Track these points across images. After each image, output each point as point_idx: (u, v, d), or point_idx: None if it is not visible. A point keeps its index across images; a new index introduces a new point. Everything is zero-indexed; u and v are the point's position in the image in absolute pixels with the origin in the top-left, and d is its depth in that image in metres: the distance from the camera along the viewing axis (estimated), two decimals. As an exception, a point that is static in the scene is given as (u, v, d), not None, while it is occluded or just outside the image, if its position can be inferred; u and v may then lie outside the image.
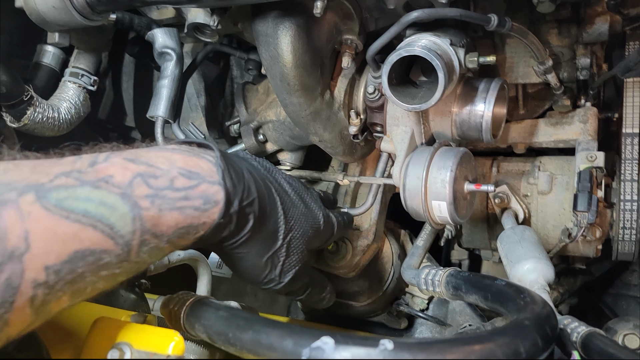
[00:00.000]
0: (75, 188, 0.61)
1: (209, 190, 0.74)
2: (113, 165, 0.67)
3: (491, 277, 0.98)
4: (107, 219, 0.61)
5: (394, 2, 1.10)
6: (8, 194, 0.56)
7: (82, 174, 0.63)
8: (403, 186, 1.10)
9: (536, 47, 1.20)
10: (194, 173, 0.73)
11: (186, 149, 0.79)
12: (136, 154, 0.71)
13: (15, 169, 0.60)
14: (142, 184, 0.67)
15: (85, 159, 0.67)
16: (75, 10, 1.10)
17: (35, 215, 0.56)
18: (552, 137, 1.44)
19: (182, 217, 0.71)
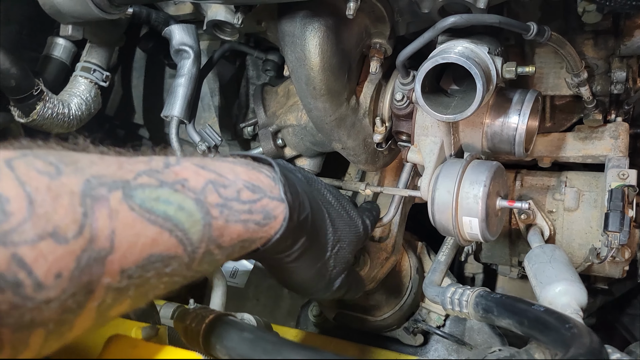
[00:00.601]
0: (157, 188, 0.60)
1: (269, 205, 0.74)
2: (186, 169, 0.65)
3: (526, 300, 0.93)
4: (183, 224, 0.60)
5: (429, 6, 1.04)
6: (100, 189, 0.54)
7: (161, 174, 0.62)
8: (432, 200, 1.05)
9: (572, 59, 1.15)
10: (257, 187, 0.73)
11: (245, 161, 0.78)
12: (203, 161, 0.70)
13: (101, 162, 0.58)
14: (213, 192, 0.66)
15: (158, 159, 0.65)
16: (92, 3, 1.05)
17: (122, 215, 0.55)
18: (581, 152, 1.39)
19: (244, 230, 0.70)
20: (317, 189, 0.93)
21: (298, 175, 0.89)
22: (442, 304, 1.10)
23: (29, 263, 0.46)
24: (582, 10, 1.02)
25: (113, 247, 0.53)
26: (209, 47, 1.53)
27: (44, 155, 0.53)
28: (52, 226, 0.48)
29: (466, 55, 0.96)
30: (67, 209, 0.50)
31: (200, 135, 1.27)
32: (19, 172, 0.50)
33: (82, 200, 0.52)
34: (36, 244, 0.47)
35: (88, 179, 0.54)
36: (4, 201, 0.47)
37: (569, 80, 1.26)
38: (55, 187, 0.51)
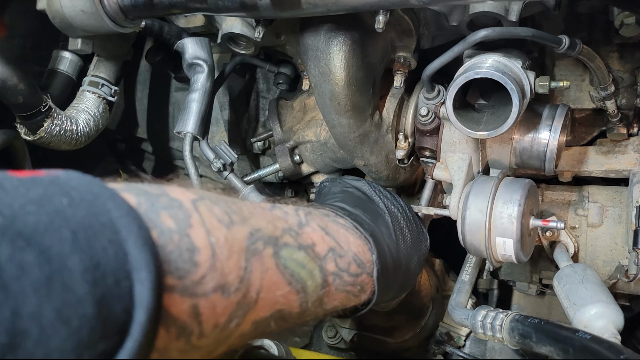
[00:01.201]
0: (296, 250, 0.64)
1: (365, 280, 0.78)
2: (314, 232, 0.70)
3: (568, 327, 0.88)
4: (307, 287, 0.65)
5: (457, 19, 1.01)
6: (258, 243, 0.58)
7: (298, 236, 0.66)
8: (462, 220, 1.00)
9: (601, 72, 1.12)
10: (361, 262, 0.77)
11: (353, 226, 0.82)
12: (325, 223, 0.75)
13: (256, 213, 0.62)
14: (332, 261, 0.71)
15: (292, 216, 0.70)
16: (106, 16, 1.00)
17: (271, 272, 0.58)
18: (604, 166, 1.36)
19: (344, 299, 0.75)
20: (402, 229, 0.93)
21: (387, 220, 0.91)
22: (472, 328, 1.05)
23: (203, 314, 0.49)
24: (620, 23, 0.99)
25: (257, 301, 0.56)
26: (219, 60, 1.48)
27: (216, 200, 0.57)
28: (224, 279, 0.52)
29: (500, 69, 0.93)
30: (236, 263, 0.54)
31: (215, 152, 1.22)
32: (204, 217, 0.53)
33: (247, 256, 0.56)
34: (210, 296, 0.50)
35: (251, 232, 0.58)
36: (195, 251, 0.49)
37: (594, 94, 1.24)
38: (230, 240, 0.54)
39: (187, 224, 0.51)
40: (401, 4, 0.78)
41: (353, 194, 0.93)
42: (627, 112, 1.30)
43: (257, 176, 1.36)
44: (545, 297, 1.72)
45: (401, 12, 1.01)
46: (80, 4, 1.00)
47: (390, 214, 0.92)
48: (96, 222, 0.41)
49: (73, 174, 0.46)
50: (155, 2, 0.93)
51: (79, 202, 0.42)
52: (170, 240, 0.48)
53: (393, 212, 0.93)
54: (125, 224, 0.43)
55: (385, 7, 0.81)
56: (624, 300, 1.53)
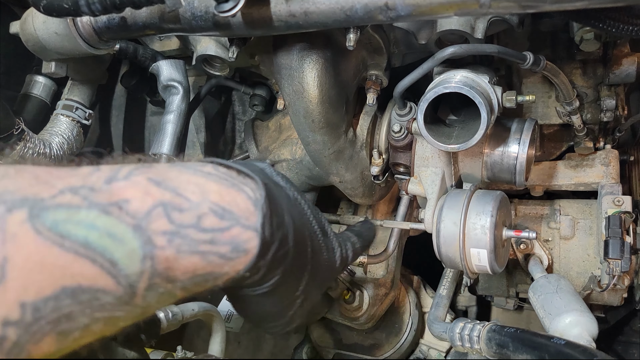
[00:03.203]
0: (80, 209, 0.50)
1: (240, 235, 0.61)
2: (133, 187, 0.55)
3: (543, 334, 0.90)
4: (111, 253, 0.50)
5: (426, 37, 1.04)
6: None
7: (93, 193, 0.52)
8: (437, 232, 1.02)
9: (565, 87, 1.16)
10: (227, 212, 0.60)
11: (224, 174, 0.65)
12: (165, 174, 0.58)
13: (15, 175, 0.49)
14: (162, 217, 0.55)
15: (104, 172, 0.55)
16: (80, 37, 1.00)
17: (20, 239, 0.46)
18: (573, 179, 1.39)
19: (202, 263, 0.58)
20: (304, 213, 0.78)
21: (289, 194, 0.75)
22: (450, 341, 1.05)
23: None
24: (580, 39, 1.03)
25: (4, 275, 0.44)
26: (195, 83, 1.49)
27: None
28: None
29: (469, 84, 0.96)
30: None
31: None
32: None
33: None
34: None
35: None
36: None
37: (560, 109, 1.28)
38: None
39: None
40: (369, 19, 0.80)
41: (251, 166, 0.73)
42: (592, 127, 1.35)
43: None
44: (523, 311, 1.73)
45: (371, 30, 1.04)
46: (54, 26, 1.01)
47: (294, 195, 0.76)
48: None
49: None
50: (129, 23, 0.94)
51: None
52: None
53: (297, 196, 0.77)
54: None
55: (354, 23, 0.83)
56: (599, 312, 1.56)
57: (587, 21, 0.82)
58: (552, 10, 0.72)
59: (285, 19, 0.82)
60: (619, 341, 1.83)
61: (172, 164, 0.63)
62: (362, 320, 1.26)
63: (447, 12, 0.75)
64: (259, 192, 0.64)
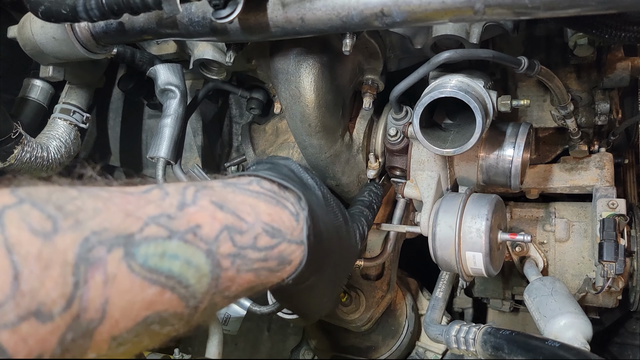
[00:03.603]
0: (165, 241, 0.54)
1: (286, 250, 0.68)
2: (202, 212, 0.60)
3: (538, 337, 0.90)
4: (187, 280, 0.55)
5: (421, 42, 1.05)
6: (98, 249, 0.48)
7: (172, 221, 0.56)
8: (433, 235, 1.03)
9: (560, 91, 1.17)
10: (277, 231, 0.67)
11: (269, 192, 0.71)
12: (223, 197, 0.64)
13: (106, 209, 0.52)
14: (227, 240, 0.60)
15: (173, 196, 0.60)
16: (78, 42, 1.01)
17: (119, 279, 0.49)
18: (568, 182, 1.40)
19: (254, 278, 0.64)
20: (332, 208, 0.84)
21: (317, 193, 0.81)
22: (446, 343, 1.06)
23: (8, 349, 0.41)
24: (574, 44, 1.04)
25: (104, 317, 0.48)
26: (192, 86, 1.50)
27: (42, 203, 0.48)
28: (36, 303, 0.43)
29: (463, 89, 0.96)
30: (56, 282, 0.44)
31: (188, 175, 1.23)
32: (9, 233, 0.44)
33: (76, 269, 0.46)
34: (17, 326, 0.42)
35: (87, 238, 0.48)
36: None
37: (555, 113, 1.29)
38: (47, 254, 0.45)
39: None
40: (365, 25, 0.81)
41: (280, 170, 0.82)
42: (587, 130, 1.36)
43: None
44: (519, 313, 1.74)
45: (367, 35, 1.05)
46: (52, 31, 1.01)
47: (321, 190, 0.83)
48: None
49: None
50: (127, 28, 0.95)
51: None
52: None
53: (323, 190, 0.84)
54: None
55: (350, 29, 0.84)
56: (595, 314, 1.57)
57: (580, 28, 0.83)
58: (546, 17, 0.73)
59: (281, 25, 0.83)
60: (614, 343, 1.84)
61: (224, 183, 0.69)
62: (358, 323, 1.27)
63: (442, 19, 0.76)
64: (299, 205, 0.72)
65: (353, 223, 0.94)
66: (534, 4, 0.69)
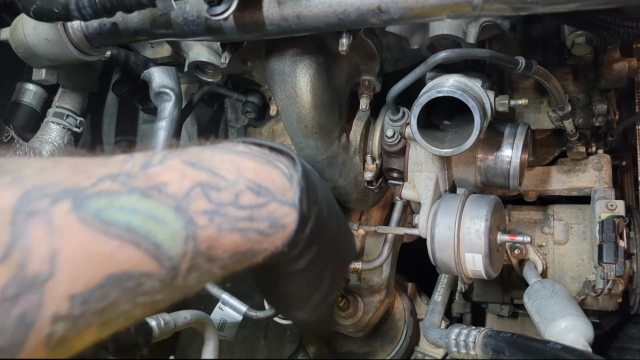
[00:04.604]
0: (120, 195, 0.49)
1: (277, 211, 0.61)
2: (170, 170, 0.54)
3: (539, 339, 0.89)
4: (155, 236, 0.50)
5: (418, 42, 1.04)
6: (39, 201, 0.45)
7: (131, 179, 0.51)
8: (432, 237, 1.01)
9: (557, 92, 1.16)
10: (263, 188, 0.61)
11: (257, 152, 0.65)
12: (198, 156, 0.58)
13: (53, 168, 0.49)
14: (201, 197, 0.55)
15: (138, 159, 0.54)
16: (71, 44, 1.00)
17: (68, 230, 0.45)
18: (566, 184, 1.39)
19: (242, 240, 0.58)
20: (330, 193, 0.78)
21: (316, 175, 0.75)
22: (446, 347, 1.05)
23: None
24: (572, 43, 1.03)
25: (54, 269, 0.44)
26: (187, 90, 1.49)
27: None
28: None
29: (461, 88, 0.96)
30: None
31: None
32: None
33: (13, 218, 0.43)
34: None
35: (27, 191, 0.45)
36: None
37: (553, 114, 1.28)
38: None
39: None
40: (362, 22, 0.80)
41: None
42: (584, 132, 1.35)
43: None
44: (517, 318, 1.73)
45: (364, 36, 1.04)
46: (44, 32, 1.00)
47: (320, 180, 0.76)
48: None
49: None
50: (121, 29, 0.94)
51: None
52: None
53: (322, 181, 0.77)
54: None
55: (347, 26, 0.83)
56: (594, 317, 1.55)
57: (578, 24, 0.82)
58: (545, 12, 0.72)
59: (277, 22, 0.82)
60: (614, 347, 1.83)
61: (204, 146, 0.62)
62: (356, 328, 1.25)
63: (439, 15, 0.75)
64: (293, 167, 0.66)
65: None
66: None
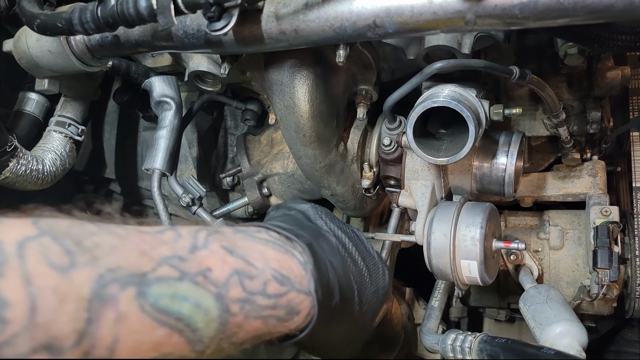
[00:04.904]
0: (176, 282, 0.56)
1: (295, 299, 0.67)
2: (212, 256, 0.61)
3: (534, 345, 0.91)
4: (195, 323, 0.56)
5: (414, 53, 1.06)
6: (112, 286, 0.50)
7: (183, 263, 0.57)
8: (428, 244, 1.03)
9: (552, 100, 1.18)
10: (285, 278, 0.67)
11: (278, 240, 0.72)
12: (233, 242, 0.65)
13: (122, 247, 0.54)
14: (237, 285, 0.61)
15: (186, 239, 0.61)
16: (74, 55, 1.02)
17: (130, 319, 0.50)
18: (561, 190, 1.41)
19: (262, 326, 0.64)
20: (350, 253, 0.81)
21: (332, 240, 0.79)
22: (442, 352, 1.06)
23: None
24: (564, 54, 1.05)
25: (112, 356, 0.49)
26: (187, 98, 1.51)
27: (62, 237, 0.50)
28: (49, 337, 0.44)
29: (456, 98, 0.97)
30: (70, 316, 0.46)
31: (184, 187, 1.23)
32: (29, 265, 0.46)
33: (90, 304, 0.48)
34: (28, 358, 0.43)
35: (102, 274, 0.50)
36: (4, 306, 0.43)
37: (547, 122, 1.30)
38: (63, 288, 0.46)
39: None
40: (358, 37, 0.82)
41: (294, 216, 0.84)
42: (579, 139, 1.37)
43: (226, 210, 1.37)
44: (514, 322, 1.75)
45: (361, 47, 1.06)
46: (47, 44, 1.02)
47: (337, 236, 0.81)
48: None
49: None
50: (122, 41, 0.96)
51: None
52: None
53: (340, 235, 0.82)
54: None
55: (344, 40, 0.85)
56: (590, 322, 1.57)
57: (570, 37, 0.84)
58: (536, 27, 0.74)
59: (275, 36, 0.84)
60: (610, 350, 1.85)
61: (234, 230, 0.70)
62: (355, 333, 1.27)
63: (433, 30, 0.77)
64: (307, 255, 0.71)
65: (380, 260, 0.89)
66: (523, 14, 0.70)
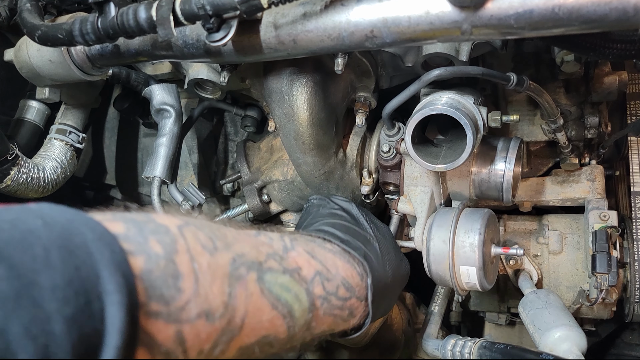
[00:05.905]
0: (281, 274, 0.65)
1: (354, 304, 0.79)
2: (300, 257, 0.71)
3: (532, 350, 0.91)
4: (294, 311, 0.65)
5: (412, 60, 1.07)
6: (241, 268, 0.58)
7: (283, 260, 0.67)
8: (427, 250, 1.04)
9: (549, 106, 1.19)
10: (349, 285, 0.78)
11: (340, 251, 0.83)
12: (311, 247, 0.76)
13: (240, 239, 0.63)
14: (319, 284, 0.71)
15: (277, 241, 0.71)
16: (74, 65, 1.02)
17: (255, 298, 0.59)
18: (560, 195, 1.42)
19: (331, 322, 0.75)
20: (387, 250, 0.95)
21: (375, 245, 0.92)
22: (442, 357, 1.07)
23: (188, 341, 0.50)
24: (561, 61, 1.06)
25: (242, 327, 0.56)
26: (187, 105, 1.51)
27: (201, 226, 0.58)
28: (207, 305, 0.52)
29: (454, 105, 0.98)
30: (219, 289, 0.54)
31: (184, 194, 1.24)
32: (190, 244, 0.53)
33: (230, 281, 0.56)
34: (194, 322, 0.50)
35: (234, 258, 0.58)
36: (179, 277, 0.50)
37: (545, 127, 1.31)
38: (213, 266, 0.55)
39: (173, 249, 0.51)
40: (356, 46, 0.82)
41: (342, 217, 0.95)
42: (577, 143, 1.38)
43: (226, 217, 1.38)
44: (515, 326, 1.75)
45: (359, 55, 1.07)
46: (48, 54, 1.03)
47: (378, 239, 0.94)
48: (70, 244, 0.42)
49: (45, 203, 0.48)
50: (122, 51, 0.97)
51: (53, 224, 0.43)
52: (156, 265, 0.49)
53: (379, 238, 0.95)
54: (98, 247, 0.43)
55: (342, 50, 0.86)
56: (590, 325, 1.57)
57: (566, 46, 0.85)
58: (531, 36, 0.75)
59: (274, 46, 0.85)
60: (611, 354, 1.85)
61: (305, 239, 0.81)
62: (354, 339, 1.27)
63: (430, 39, 0.78)
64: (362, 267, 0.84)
65: None
66: (519, 24, 0.71)
